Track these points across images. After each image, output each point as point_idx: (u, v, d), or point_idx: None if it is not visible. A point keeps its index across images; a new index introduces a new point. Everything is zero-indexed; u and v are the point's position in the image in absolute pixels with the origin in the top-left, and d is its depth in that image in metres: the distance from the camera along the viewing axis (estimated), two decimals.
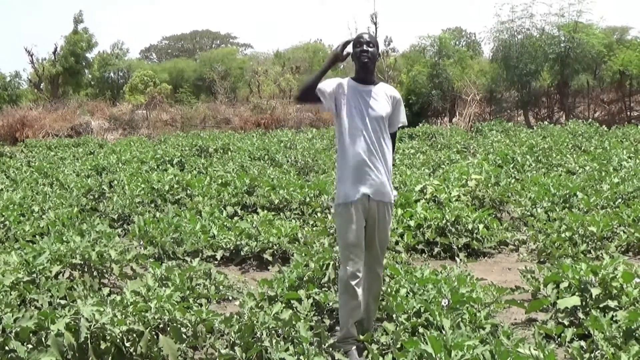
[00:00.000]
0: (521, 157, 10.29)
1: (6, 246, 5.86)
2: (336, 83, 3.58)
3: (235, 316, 3.60)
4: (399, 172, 9.17)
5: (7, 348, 2.92)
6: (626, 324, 3.31)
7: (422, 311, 3.71)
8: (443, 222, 6.05)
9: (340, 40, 3.60)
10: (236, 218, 7.06)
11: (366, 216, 3.53)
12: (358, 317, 3.51)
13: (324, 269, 4.48)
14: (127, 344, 3.14)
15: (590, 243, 5.60)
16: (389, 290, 4.10)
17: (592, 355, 3.19)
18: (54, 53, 29.64)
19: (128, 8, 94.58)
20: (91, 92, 33.53)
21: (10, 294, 3.89)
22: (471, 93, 21.46)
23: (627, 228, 5.90)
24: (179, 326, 3.35)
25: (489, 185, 7.52)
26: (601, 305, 3.81)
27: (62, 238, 5.19)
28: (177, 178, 8.56)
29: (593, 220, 5.85)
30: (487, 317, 3.73)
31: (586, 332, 3.49)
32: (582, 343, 3.34)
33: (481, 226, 6.11)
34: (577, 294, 3.95)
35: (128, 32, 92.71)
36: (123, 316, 3.19)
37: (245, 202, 7.70)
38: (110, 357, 3.08)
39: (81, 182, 9.24)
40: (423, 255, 5.86)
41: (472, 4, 74.88)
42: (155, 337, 3.22)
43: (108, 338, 3.10)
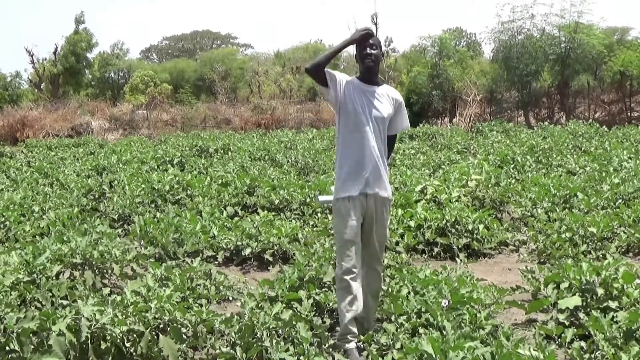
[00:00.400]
0: (521, 158, 10.29)
1: (6, 246, 5.86)
2: (346, 78, 3.63)
3: (235, 316, 3.60)
4: (399, 173, 9.17)
5: (9, 348, 2.92)
6: (627, 325, 3.31)
7: (423, 312, 3.71)
8: (443, 223, 6.05)
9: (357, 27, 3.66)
10: (236, 218, 7.06)
11: (364, 213, 3.56)
12: (356, 313, 3.50)
13: (325, 269, 4.48)
14: (128, 344, 3.14)
15: (590, 244, 5.60)
16: (390, 290, 4.11)
17: (593, 355, 3.19)
18: (55, 53, 29.65)
19: (128, 8, 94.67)
20: (92, 92, 33.55)
21: (10, 294, 3.90)
22: (471, 93, 21.45)
23: (628, 229, 5.90)
24: (180, 326, 3.35)
25: (489, 185, 7.52)
26: (602, 305, 3.81)
27: (63, 238, 5.20)
28: (178, 178, 8.56)
29: (593, 220, 5.86)
30: (488, 318, 3.73)
31: (587, 333, 3.49)
32: (583, 344, 3.34)
33: (481, 227, 6.11)
34: (578, 294, 3.95)
35: (128, 33, 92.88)
36: (123, 316, 3.19)
37: (245, 203, 7.70)
38: (110, 357, 3.09)
39: (81, 182, 9.24)
40: (423, 255, 5.86)
41: (473, 4, 74.94)
42: (155, 337, 3.22)
43: (108, 338, 3.10)
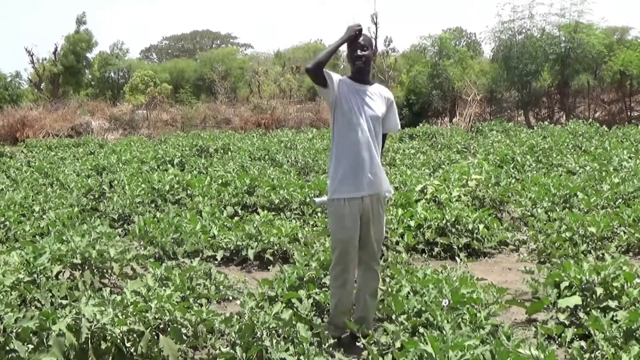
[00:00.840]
0: (521, 157, 10.28)
1: (7, 246, 5.86)
2: (338, 78, 3.62)
3: (235, 316, 3.60)
4: (400, 172, 9.17)
5: (9, 348, 2.92)
6: (627, 324, 3.31)
7: (423, 311, 3.72)
8: (443, 222, 6.05)
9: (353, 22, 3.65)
10: (236, 218, 7.06)
11: (360, 212, 3.57)
12: (344, 310, 3.67)
13: (324, 269, 4.48)
14: (128, 344, 3.14)
15: (590, 243, 5.60)
16: (390, 290, 4.11)
17: (593, 355, 3.19)
18: (55, 53, 29.66)
19: (128, 8, 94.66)
20: (91, 92, 33.56)
21: (10, 294, 3.89)
22: (471, 93, 21.45)
23: (628, 228, 5.90)
24: (180, 326, 3.35)
25: (489, 185, 7.52)
26: (602, 305, 3.81)
27: (63, 238, 5.20)
28: (178, 178, 8.56)
29: (593, 220, 5.85)
30: (488, 317, 3.73)
31: (587, 332, 3.49)
32: (583, 343, 3.34)
33: (481, 226, 6.11)
34: (578, 294, 3.95)
35: (128, 32, 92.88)
36: (124, 316, 3.19)
37: (245, 202, 7.70)
38: (110, 357, 3.09)
39: (81, 182, 9.24)
40: (423, 255, 5.86)
41: (473, 4, 74.83)
42: (155, 337, 3.22)
43: (109, 338, 3.10)
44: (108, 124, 24.22)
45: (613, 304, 3.78)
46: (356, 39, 3.59)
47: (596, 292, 3.87)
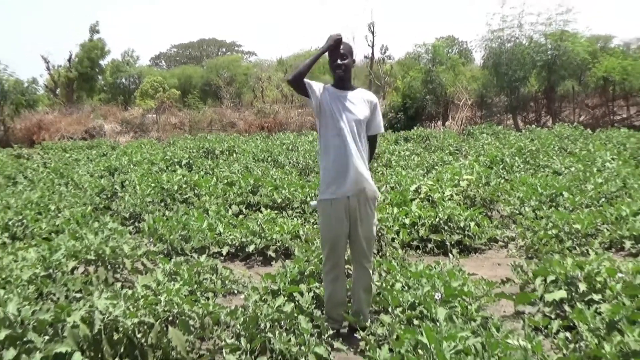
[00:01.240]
0: (510, 159, 10.29)
1: (24, 243, 5.87)
2: (321, 86, 3.62)
3: (240, 309, 3.61)
4: (395, 173, 9.18)
5: (26, 339, 2.93)
6: (609, 316, 3.31)
7: (417, 304, 3.72)
8: (437, 220, 6.05)
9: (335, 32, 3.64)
10: (241, 216, 7.06)
11: (347, 212, 3.56)
12: (337, 303, 3.71)
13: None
14: (139, 335, 3.14)
15: (575, 240, 5.60)
16: (385, 284, 4.11)
17: (577, 345, 3.19)
18: (69, 60, 29.65)
19: (139, 18, 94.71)
20: (104, 97, 33.55)
21: (28, 288, 3.91)
22: (463, 98, 21.45)
23: (610, 226, 5.90)
24: (187, 318, 3.36)
25: (480, 185, 7.52)
26: (586, 298, 3.82)
27: (77, 235, 5.20)
28: (186, 178, 8.56)
29: (578, 218, 5.86)
30: (478, 310, 3.74)
31: (571, 324, 3.49)
32: (568, 334, 3.34)
33: (472, 224, 6.11)
34: (564, 288, 3.95)
35: (139, 41, 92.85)
36: (135, 309, 3.19)
37: (249, 201, 7.71)
38: (122, 348, 3.09)
39: (95, 182, 9.24)
40: (418, 251, 5.86)
41: (471, 6, 74.33)
42: (164, 329, 3.23)
43: (121, 330, 3.10)
44: (120, 127, 24.22)
45: (596, 298, 3.79)
46: (336, 48, 3.56)
47: (579, 287, 3.87)
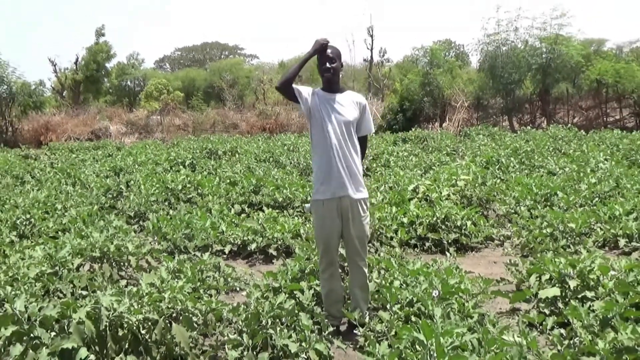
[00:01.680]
0: (506, 159, 10.28)
1: (32, 241, 5.86)
2: (309, 91, 3.62)
3: (242, 306, 3.60)
4: (393, 173, 9.17)
5: (33, 335, 2.92)
6: (602, 313, 3.31)
7: (415, 301, 3.71)
8: (434, 219, 6.04)
9: (324, 36, 3.63)
10: (243, 215, 7.05)
11: (339, 212, 3.57)
12: (334, 300, 3.73)
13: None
14: (143, 332, 3.14)
15: (569, 238, 5.60)
16: (383, 282, 4.10)
17: (571, 342, 3.19)
18: (76, 63, 29.65)
19: (143, 22, 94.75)
20: (110, 99, 33.55)
21: (35, 285, 3.90)
22: (460, 100, 21.44)
23: (604, 225, 5.90)
24: (191, 315, 3.35)
25: (476, 185, 7.52)
26: (579, 295, 3.82)
27: (83, 234, 5.20)
28: (189, 178, 8.56)
29: (572, 217, 5.85)
30: (475, 307, 3.73)
31: (566, 321, 3.49)
32: (562, 331, 3.34)
33: (469, 223, 6.10)
34: (557, 286, 3.95)
35: (143, 44, 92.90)
36: (139, 306, 3.19)
37: (251, 201, 7.70)
38: (127, 344, 3.08)
39: (100, 182, 9.24)
40: (415, 249, 5.85)
41: (468, 10, 74.00)
42: (168, 325, 3.22)
43: (125, 326, 3.10)
44: (125, 129, 24.22)
45: (590, 295, 3.79)
46: (323, 52, 3.55)
47: (570, 285, 3.87)
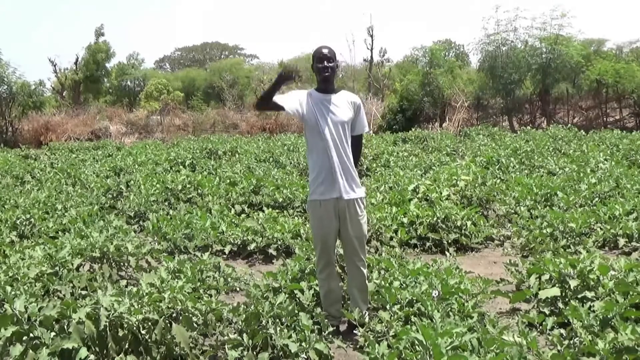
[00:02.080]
0: (506, 159, 10.27)
1: (32, 241, 5.86)
2: (302, 95, 3.63)
3: (242, 306, 3.60)
4: (393, 173, 9.17)
5: (33, 335, 2.92)
6: (603, 313, 3.31)
7: (415, 301, 3.71)
8: (434, 219, 6.04)
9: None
10: (243, 215, 7.05)
11: (337, 212, 3.58)
12: (333, 300, 3.74)
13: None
14: (143, 332, 3.14)
15: (569, 238, 5.59)
16: (383, 282, 4.10)
17: (571, 342, 3.19)
18: (76, 63, 29.64)
19: (143, 22, 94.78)
20: (110, 99, 33.55)
21: (35, 285, 3.90)
22: (460, 100, 21.44)
23: (604, 225, 5.90)
24: (191, 315, 3.35)
25: (476, 185, 7.51)
26: (579, 295, 3.81)
27: (82, 234, 5.19)
28: (189, 178, 8.55)
29: (572, 217, 5.85)
30: (474, 307, 3.73)
31: (566, 321, 3.48)
32: (562, 331, 3.34)
33: (469, 223, 6.10)
34: (557, 286, 3.95)
35: (143, 44, 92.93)
36: (139, 306, 3.18)
37: (251, 201, 7.70)
38: (127, 344, 3.08)
39: (100, 182, 9.24)
40: (415, 249, 5.85)
41: (468, 9, 73.73)
42: (168, 325, 3.22)
43: (125, 326, 3.09)
44: (125, 129, 24.23)
45: (590, 295, 3.79)
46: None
47: (571, 285, 3.87)
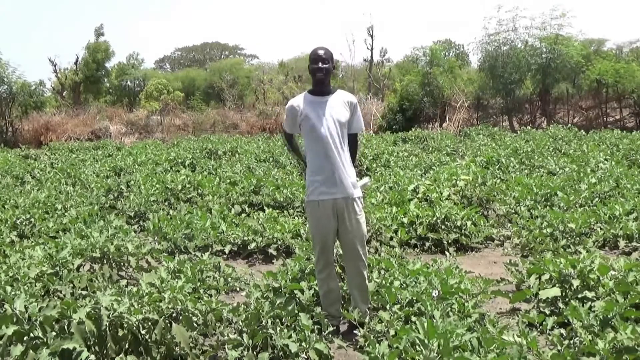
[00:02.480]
0: (506, 159, 10.27)
1: (32, 241, 5.86)
2: (296, 108, 3.64)
3: (242, 306, 3.60)
4: (393, 173, 9.17)
5: (33, 335, 2.92)
6: (603, 313, 3.31)
7: (414, 301, 3.71)
8: (434, 219, 6.04)
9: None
10: (243, 215, 7.05)
11: (335, 212, 3.59)
12: (333, 300, 3.74)
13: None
14: (143, 332, 3.14)
15: (569, 238, 5.59)
16: (383, 282, 4.10)
17: (571, 342, 3.19)
18: (76, 63, 29.64)
19: (143, 22, 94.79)
20: (110, 99, 33.52)
21: (35, 285, 3.90)
22: (460, 100, 21.44)
23: (604, 225, 5.90)
24: (191, 315, 3.35)
25: (476, 185, 7.51)
26: (579, 295, 3.81)
27: (83, 234, 5.20)
28: (189, 178, 8.56)
29: (572, 217, 5.85)
30: (475, 307, 3.73)
31: (566, 321, 3.48)
32: (562, 331, 3.34)
33: (469, 223, 6.10)
34: (557, 286, 3.95)
35: (143, 44, 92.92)
36: (139, 306, 3.19)
37: (252, 201, 7.70)
38: (127, 344, 3.08)
39: (101, 182, 9.24)
40: (415, 249, 5.85)
41: (468, 10, 73.69)
42: (168, 325, 3.22)
43: (125, 326, 3.10)
44: (125, 129, 24.21)
45: (590, 295, 3.79)
46: (315, 55, 3.58)
47: (573, 284, 3.87)
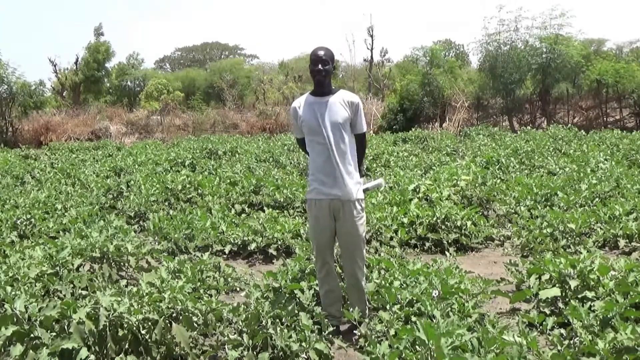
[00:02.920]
0: (506, 159, 10.27)
1: (32, 241, 5.86)
2: (297, 110, 3.65)
3: (242, 306, 3.60)
4: (394, 173, 9.17)
5: (33, 335, 2.92)
6: (603, 313, 3.31)
7: (415, 301, 3.71)
8: (434, 219, 6.04)
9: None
10: (244, 215, 7.05)
11: (332, 212, 3.59)
12: (332, 300, 3.75)
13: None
14: (143, 332, 3.14)
15: (569, 238, 5.59)
16: (383, 282, 4.10)
17: (572, 342, 3.19)
18: (76, 63, 29.65)
19: (144, 22, 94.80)
20: (110, 99, 33.53)
21: (35, 285, 3.90)
22: (460, 100, 21.44)
23: (604, 225, 5.90)
24: (191, 315, 3.35)
25: (477, 185, 7.51)
26: (580, 295, 3.81)
27: (83, 234, 5.19)
28: (189, 178, 8.56)
29: (572, 217, 5.85)
30: (475, 307, 3.73)
31: (566, 321, 3.48)
32: (562, 331, 3.34)
33: (469, 223, 6.10)
34: (557, 286, 3.95)
35: (144, 44, 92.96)
36: (139, 306, 3.19)
37: (252, 201, 7.70)
38: (127, 344, 3.08)
39: (101, 182, 9.24)
40: (416, 249, 5.85)
41: (468, 9, 73.66)
42: (168, 325, 3.22)
43: (125, 326, 3.10)
44: (125, 129, 24.22)
45: (590, 295, 3.79)
46: (315, 56, 3.57)
47: (571, 285, 3.87)
